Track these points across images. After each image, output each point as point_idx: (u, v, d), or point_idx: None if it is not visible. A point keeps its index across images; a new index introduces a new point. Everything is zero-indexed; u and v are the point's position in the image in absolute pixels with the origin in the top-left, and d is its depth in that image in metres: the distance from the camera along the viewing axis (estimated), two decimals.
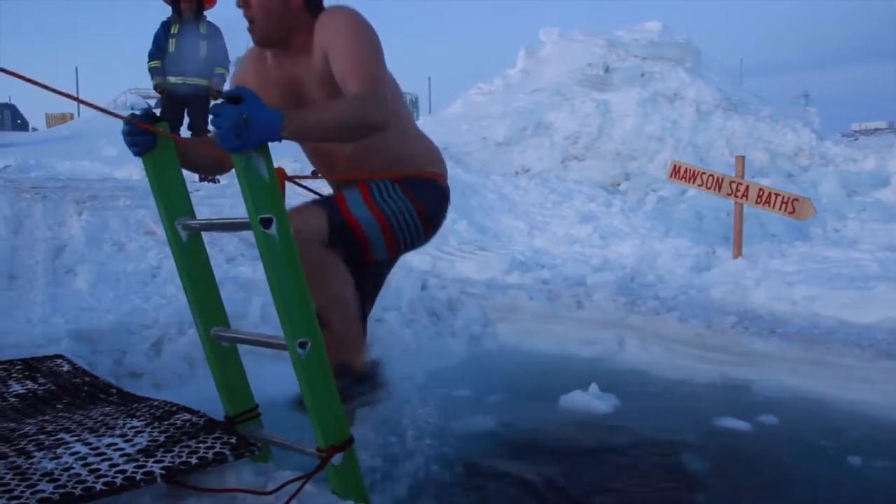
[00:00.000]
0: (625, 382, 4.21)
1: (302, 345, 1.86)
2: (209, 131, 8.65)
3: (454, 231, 7.40)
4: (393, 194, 2.53)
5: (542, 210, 8.76)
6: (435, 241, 7.10)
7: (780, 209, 6.51)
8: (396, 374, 4.21)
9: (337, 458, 1.96)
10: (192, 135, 8.47)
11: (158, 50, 8.57)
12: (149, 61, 8.62)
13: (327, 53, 2.24)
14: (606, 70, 12.64)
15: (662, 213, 8.92)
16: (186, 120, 8.76)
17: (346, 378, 2.35)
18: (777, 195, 6.55)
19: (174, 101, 8.65)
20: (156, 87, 8.72)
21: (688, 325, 4.74)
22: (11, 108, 45.34)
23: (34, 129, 40.61)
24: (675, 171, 7.36)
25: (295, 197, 2.65)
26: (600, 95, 11.98)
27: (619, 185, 10.82)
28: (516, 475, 3.00)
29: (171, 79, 8.55)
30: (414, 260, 6.14)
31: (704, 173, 7.14)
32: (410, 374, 4.07)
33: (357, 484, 2.07)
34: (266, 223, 1.80)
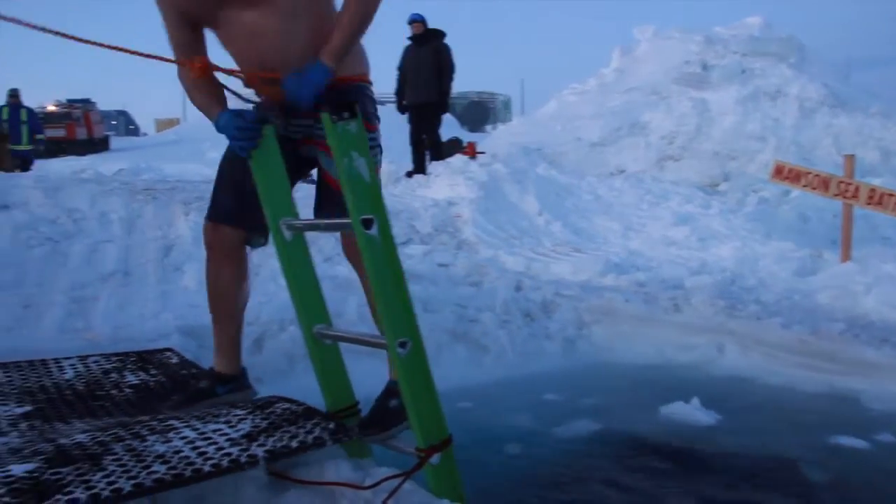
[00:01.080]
0: (725, 391, 4.08)
1: (402, 344, 1.89)
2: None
3: (548, 232, 7.34)
4: None
5: (637, 211, 8.59)
6: (529, 241, 7.08)
7: (893, 210, 6.19)
8: (492, 376, 4.24)
9: (436, 458, 1.98)
10: None
11: None
12: None
13: None
14: (704, 67, 12.30)
15: (764, 215, 8.61)
16: None
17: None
18: (890, 196, 6.23)
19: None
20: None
21: (791, 332, 4.56)
22: (125, 115, 47.62)
23: (144, 134, 42.63)
24: (779, 172, 7.10)
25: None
26: (698, 94, 11.66)
27: (717, 185, 10.50)
28: (618, 484, 2.95)
29: None
30: (508, 261, 6.13)
31: (810, 173, 6.86)
32: (506, 375, 4.10)
33: (454, 484, 2.08)
34: (367, 224, 1.83)
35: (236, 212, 2.39)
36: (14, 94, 12.97)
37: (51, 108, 30.66)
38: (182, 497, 1.88)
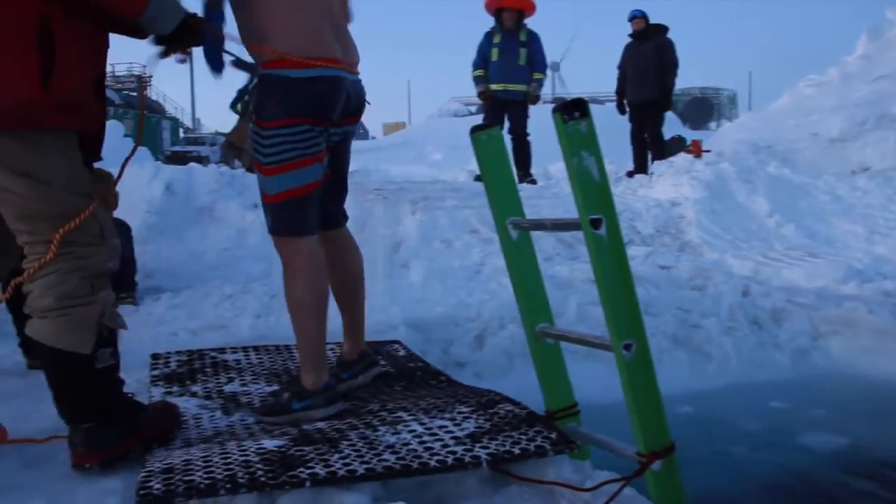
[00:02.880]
0: None
1: (627, 346, 1.87)
2: (527, 134, 8.96)
3: (780, 235, 6.89)
4: None
5: (884, 213, 7.79)
6: (758, 245, 6.68)
7: None
8: (715, 384, 4.06)
9: (657, 464, 1.94)
10: (512, 139, 8.85)
11: (482, 59, 9.05)
12: (473, 70, 9.13)
13: None
14: None
15: None
16: (507, 125, 9.10)
17: None
18: None
19: (495, 107, 9.07)
20: (480, 95, 9.21)
21: None
22: None
23: (373, 137, 45.29)
24: None
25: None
26: None
27: None
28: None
29: (493, 86, 8.94)
30: (735, 265, 5.83)
31: None
32: (731, 383, 3.89)
33: (676, 491, 2.02)
34: (596, 224, 1.82)
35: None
36: None
37: None
38: (410, 481, 1.99)
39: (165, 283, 5.24)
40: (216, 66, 2.28)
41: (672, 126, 13.38)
